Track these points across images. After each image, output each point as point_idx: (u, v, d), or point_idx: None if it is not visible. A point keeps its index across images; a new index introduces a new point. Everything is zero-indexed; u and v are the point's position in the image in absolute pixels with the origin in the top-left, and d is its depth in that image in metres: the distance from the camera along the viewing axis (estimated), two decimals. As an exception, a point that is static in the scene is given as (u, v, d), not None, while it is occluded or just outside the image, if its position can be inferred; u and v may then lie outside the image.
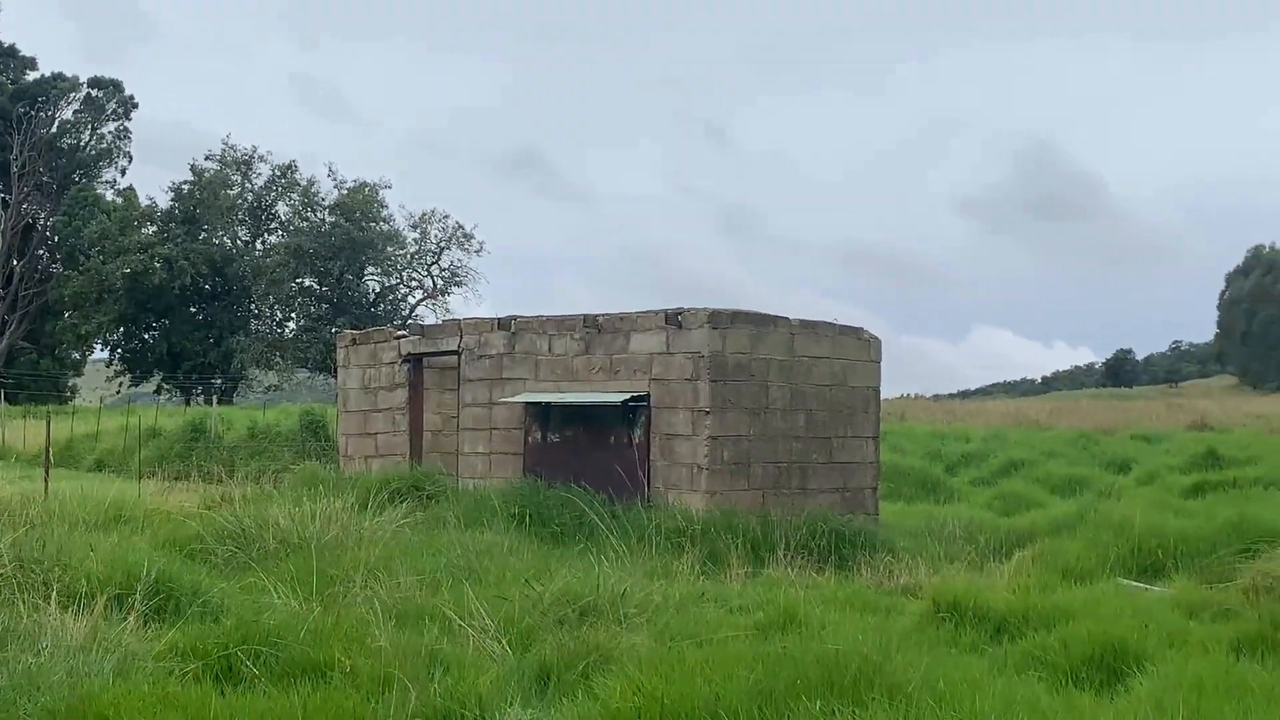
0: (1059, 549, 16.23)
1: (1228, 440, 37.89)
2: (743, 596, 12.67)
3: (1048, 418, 57.78)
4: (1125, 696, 8.43)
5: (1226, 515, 17.67)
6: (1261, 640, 10.27)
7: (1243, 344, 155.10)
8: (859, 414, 20.20)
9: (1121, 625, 10.41)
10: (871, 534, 17.67)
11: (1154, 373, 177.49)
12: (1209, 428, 50.35)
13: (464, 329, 21.96)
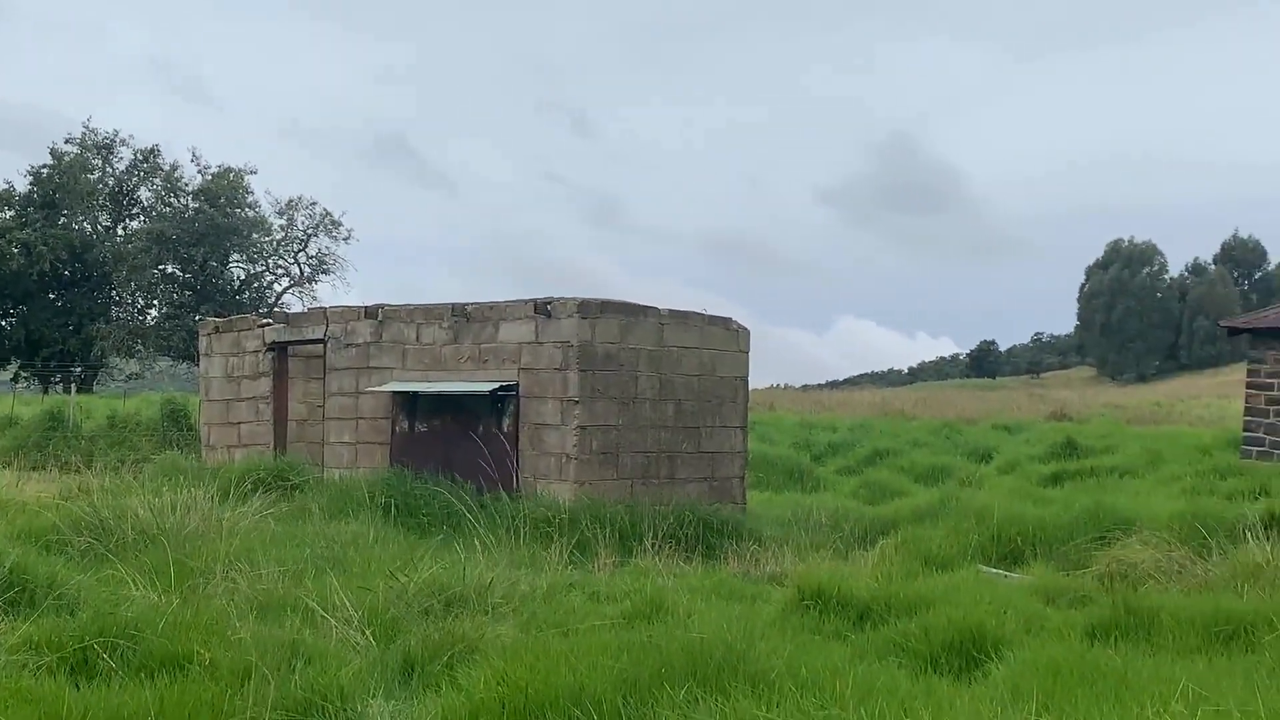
0: (922, 537, 16.47)
1: (1086, 430, 38.79)
2: (610, 586, 12.67)
3: (913, 408, 58.66)
4: (983, 682, 8.56)
5: (1083, 504, 18.08)
6: (1115, 626, 10.49)
7: (1102, 336, 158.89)
8: (727, 404, 20.32)
9: (980, 612, 10.56)
10: (739, 523, 17.78)
11: (1016, 364, 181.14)
12: (1068, 418, 51.53)
13: (330, 317, 21.69)
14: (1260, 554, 13.57)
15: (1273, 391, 30.88)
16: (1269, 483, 21.75)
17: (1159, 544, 14.92)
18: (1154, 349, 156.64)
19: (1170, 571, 14.02)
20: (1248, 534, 14.66)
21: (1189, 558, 14.38)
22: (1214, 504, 18.19)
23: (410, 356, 20.31)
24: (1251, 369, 31.75)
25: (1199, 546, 14.78)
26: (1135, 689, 7.36)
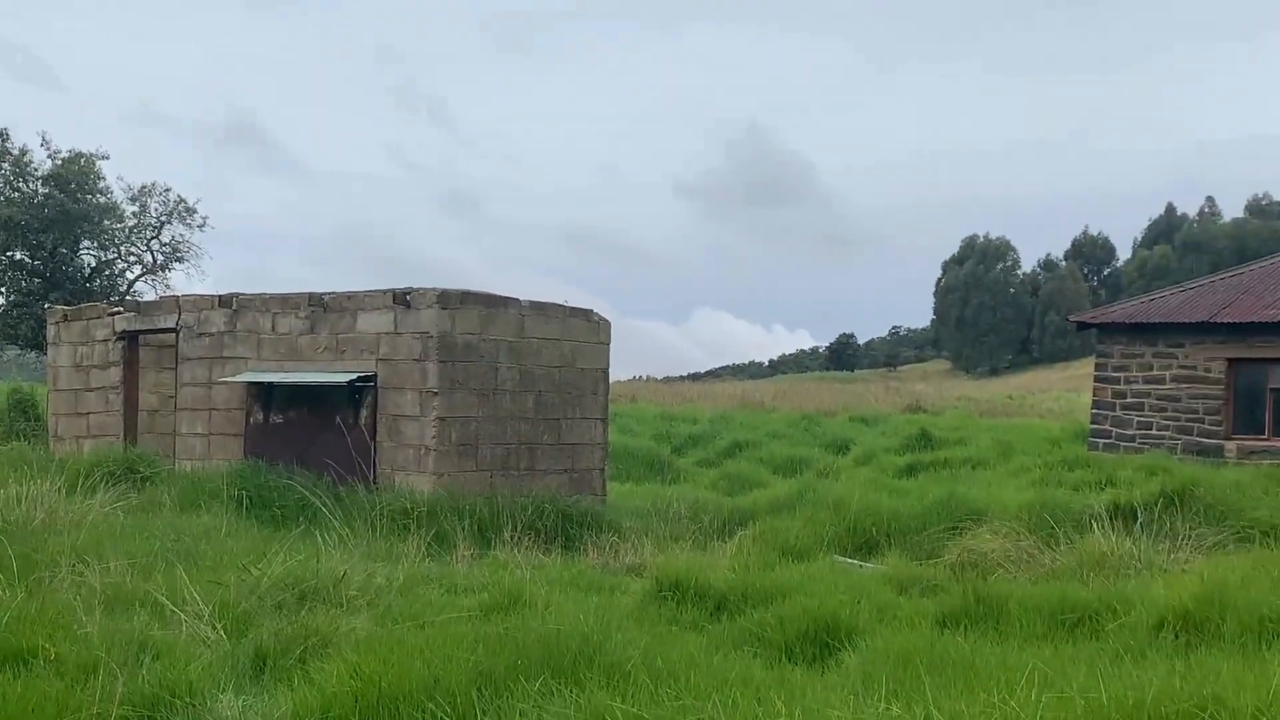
0: (779, 528, 16.62)
1: (940, 423, 39.53)
2: (468, 578, 12.58)
3: (773, 400, 59.23)
4: (836, 670, 8.67)
5: (937, 494, 18.41)
6: (965, 614, 10.68)
7: (956, 330, 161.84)
8: (588, 395, 20.33)
9: (835, 601, 10.69)
10: (598, 514, 17.79)
11: (875, 356, 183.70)
12: (923, 410, 52.44)
13: (183, 306, 21.27)
14: (1105, 543, 13.93)
15: (1119, 385, 31.73)
16: (1114, 474, 22.34)
17: (1008, 534, 15.24)
18: (1007, 343, 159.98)
19: (1019, 560, 14.32)
20: (1093, 524, 15.05)
21: (1037, 547, 14.71)
22: (1062, 494, 18.66)
23: (266, 346, 19.99)
24: (1099, 363, 32.59)
25: (1047, 536, 15.12)
26: (983, 676, 7.49)
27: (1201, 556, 13.61)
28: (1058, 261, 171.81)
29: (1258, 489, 18.39)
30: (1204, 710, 6.15)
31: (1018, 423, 44.03)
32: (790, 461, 28.63)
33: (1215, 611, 9.43)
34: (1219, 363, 30.35)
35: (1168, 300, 32.79)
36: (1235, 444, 29.76)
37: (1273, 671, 6.62)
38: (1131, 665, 7.50)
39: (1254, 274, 33.30)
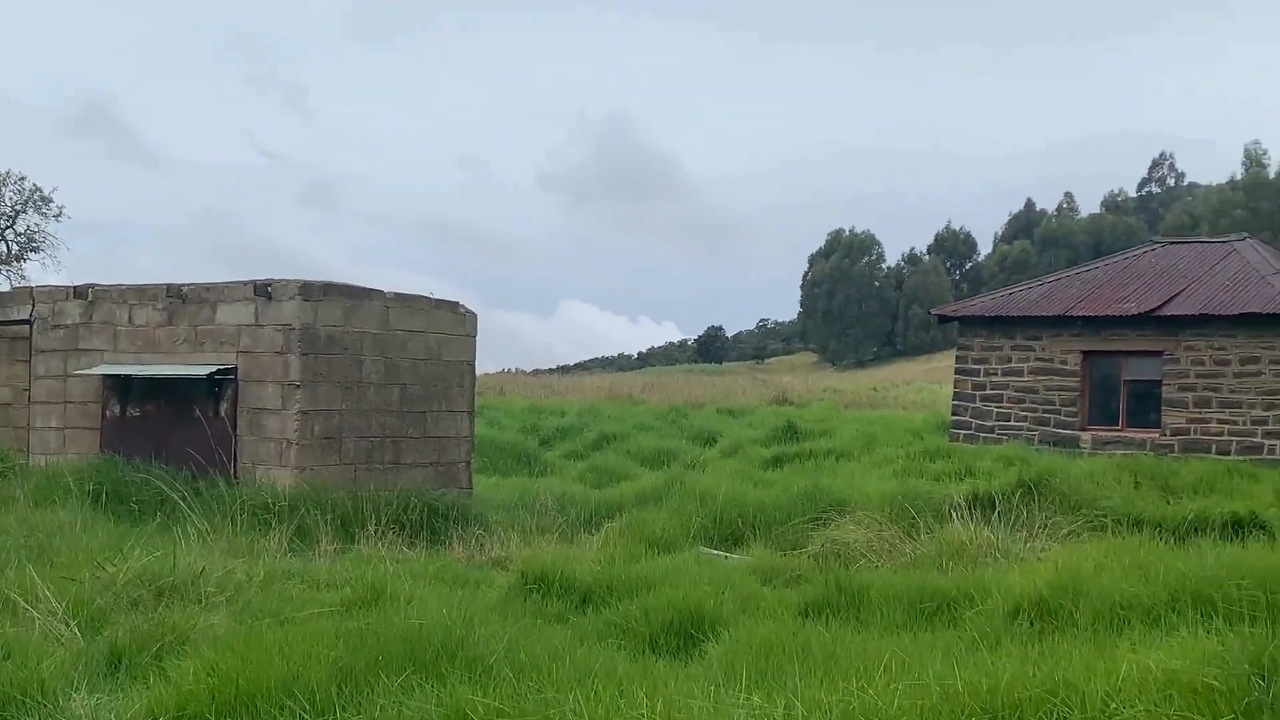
0: (646, 520, 16.67)
1: (806, 414, 39.92)
2: (331, 573, 12.42)
3: (641, 392, 59.39)
4: (700, 661, 8.72)
5: (801, 485, 18.60)
6: (827, 603, 10.81)
7: (823, 323, 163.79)
8: (454, 388, 20.20)
9: (700, 593, 10.77)
10: (464, 508, 17.69)
11: (743, 349, 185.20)
12: (790, 402, 52.96)
13: (36, 297, 20.72)
14: (964, 533, 14.19)
15: (979, 377, 32.33)
16: (974, 464, 22.77)
17: (871, 524, 15.45)
18: (872, 336, 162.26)
19: (881, 550, 14.53)
20: (953, 513, 15.31)
21: (898, 537, 14.93)
22: (923, 485, 18.96)
23: (123, 338, 19.56)
24: (960, 356, 33.19)
25: (908, 526, 15.36)
26: (843, 665, 7.59)
27: (1057, 545, 13.91)
28: (921, 255, 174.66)
29: (1110, 478, 18.87)
30: (1055, 696, 6.28)
31: (882, 414, 44.64)
32: (658, 454, 28.71)
33: (1069, 599, 9.64)
34: (1075, 355, 31.07)
35: (1026, 294, 33.48)
36: (1090, 435, 30.49)
37: (1122, 657, 6.78)
38: (987, 652, 7.64)
39: (1109, 269, 34.13)
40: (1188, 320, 29.57)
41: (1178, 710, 6.00)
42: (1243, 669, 6.22)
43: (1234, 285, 30.33)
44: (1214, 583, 9.33)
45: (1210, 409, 29.19)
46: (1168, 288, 31.03)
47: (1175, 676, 6.28)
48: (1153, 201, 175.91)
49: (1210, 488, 19.69)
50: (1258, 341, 28.77)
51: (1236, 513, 15.76)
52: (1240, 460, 26.17)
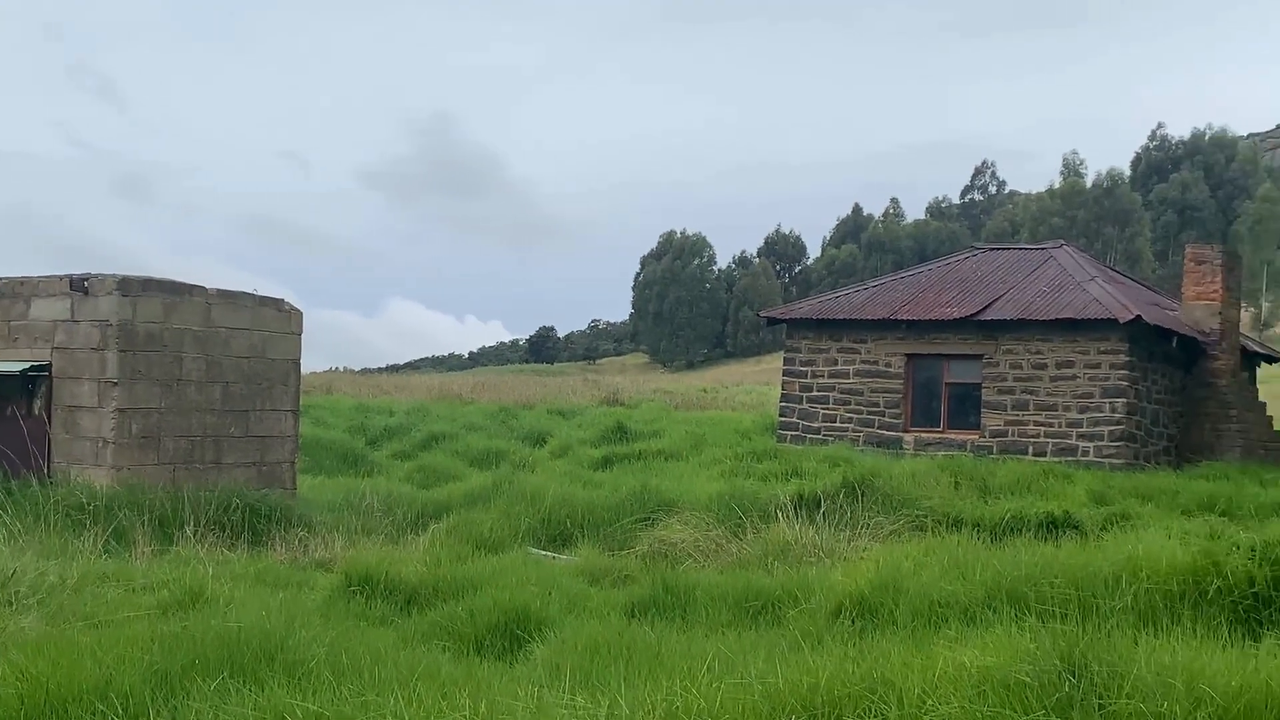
0: (474, 520, 16.56)
1: (636, 415, 40.04)
2: (148, 575, 12.10)
3: (471, 392, 59.04)
4: (525, 662, 8.68)
5: (630, 486, 18.66)
6: (654, 603, 10.86)
7: (654, 324, 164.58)
8: (278, 387, 19.84)
9: (526, 593, 10.73)
10: (288, 508, 17.37)
11: (574, 350, 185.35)
12: (620, 403, 53.07)
13: None
14: (789, 532, 14.37)
15: (806, 379, 32.77)
16: (800, 465, 23.06)
17: (698, 524, 15.55)
18: (703, 337, 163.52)
19: (708, 550, 14.63)
20: (779, 514, 15.48)
21: (725, 537, 15.05)
22: (750, 485, 19.13)
23: (-69, 333, 18.84)
24: (788, 358, 33.61)
25: (735, 526, 15.49)
26: (668, 664, 7.61)
27: (879, 544, 14.13)
28: (752, 258, 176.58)
29: (931, 479, 19.25)
30: (874, 693, 6.37)
31: (711, 415, 44.98)
32: (487, 454, 28.53)
33: (889, 597, 9.81)
34: (899, 358, 31.65)
35: (852, 297, 34.02)
36: (913, 436, 31.09)
37: (939, 655, 6.90)
38: (809, 651, 7.72)
39: (932, 273, 34.84)
40: (1006, 325, 30.31)
41: (991, 706, 6.12)
42: (1054, 665, 6.37)
43: (1051, 291, 31.16)
44: (1028, 581, 9.57)
45: (1028, 412, 29.96)
46: (988, 293, 31.78)
47: (989, 673, 6.41)
48: (975, 208, 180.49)
49: (1027, 488, 20.20)
50: (1072, 346, 29.62)
51: (1051, 513, 16.17)
52: (1056, 461, 26.93)
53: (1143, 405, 29.88)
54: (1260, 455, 31.36)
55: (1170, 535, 11.69)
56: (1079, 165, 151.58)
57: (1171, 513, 18.06)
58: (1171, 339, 30.57)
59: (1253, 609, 8.89)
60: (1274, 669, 6.34)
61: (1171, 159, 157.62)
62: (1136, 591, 9.12)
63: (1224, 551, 9.43)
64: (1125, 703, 6.09)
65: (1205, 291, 32.41)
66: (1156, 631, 7.68)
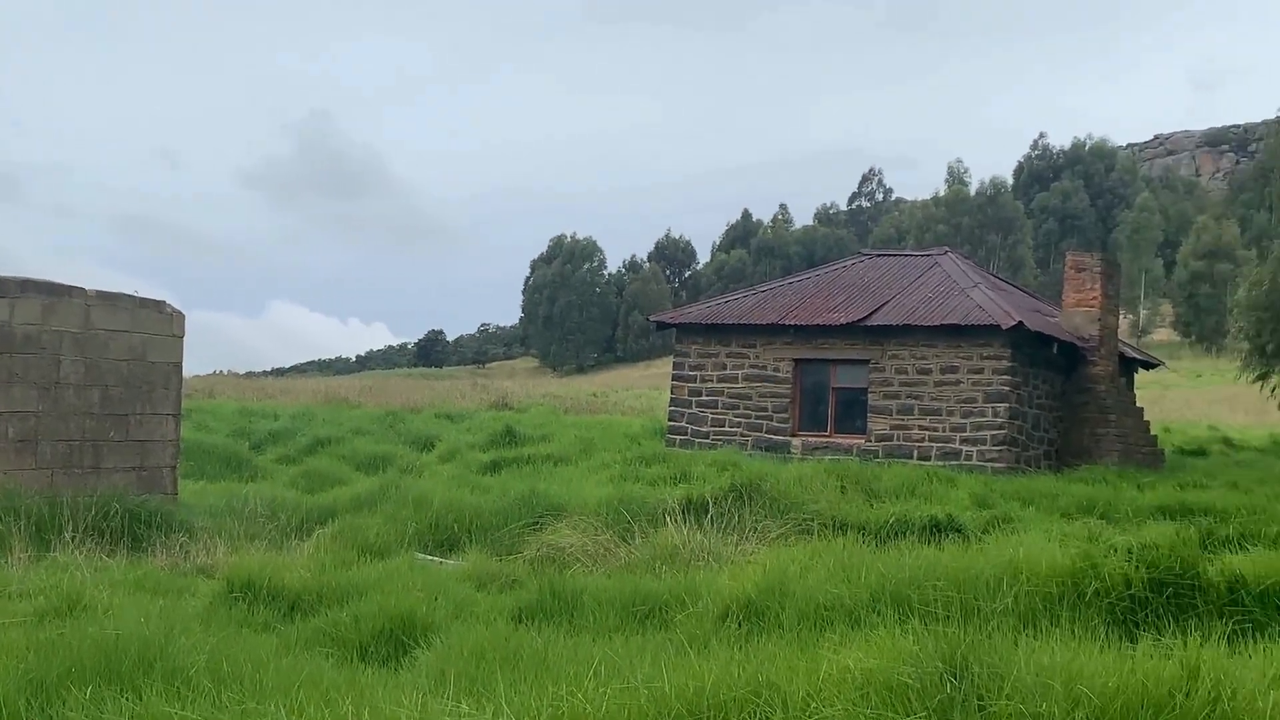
0: (360, 525, 16.40)
1: (525, 419, 40.00)
2: (24, 582, 11.84)
3: (358, 396, 58.56)
4: (410, 669, 8.61)
5: (519, 490, 18.58)
6: (541, 608, 10.82)
7: (544, 328, 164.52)
8: (159, 390, 19.48)
9: (412, 599, 10.65)
10: (169, 514, 17.08)
11: (464, 353, 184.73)
12: (509, 407, 52.99)
13: None
14: (677, 536, 14.39)
15: (695, 383, 32.91)
16: (689, 469, 23.13)
17: (587, 528, 15.53)
18: (593, 341, 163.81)
19: (596, 555, 14.61)
20: (667, 518, 15.50)
21: (614, 541, 15.04)
22: (639, 490, 19.16)
23: None
24: (677, 362, 33.74)
25: (623, 530, 15.49)
26: (554, 669, 7.58)
27: (766, 548, 14.20)
28: (642, 263, 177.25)
29: (818, 483, 19.39)
30: (759, 697, 6.39)
31: (600, 419, 45.02)
32: (374, 458, 28.26)
33: (775, 600, 9.86)
34: (786, 363, 31.91)
35: (741, 302, 34.23)
36: (800, 440, 31.34)
37: (824, 657, 6.94)
38: (695, 655, 7.73)
39: (820, 279, 35.17)
40: (892, 330, 30.68)
41: (874, 708, 6.17)
42: (936, 667, 6.44)
43: (935, 297, 31.60)
44: (912, 583, 9.67)
45: (913, 416, 30.35)
46: (874, 299, 32.14)
47: (873, 675, 6.46)
48: (862, 215, 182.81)
49: (911, 492, 20.44)
50: (956, 352, 30.06)
51: (935, 516, 16.36)
52: (940, 465, 27.30)
53: (1024, 410, 30.39)
54: (1137, 459, 32.04)
55: (1050, 538, 11.90)
56: (963, 173, 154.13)
57: (1051, 516, 18.37)
58: (1052, 345, 31.12)
59: (1129, 610, 9.06)
60: (1149, 669, 6.45)
61: (1053, 168, 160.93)
62: (1017, 593, 9.25)
63: (1102, 554, 9.60)
64: (1005, 703, 6.17)
65: (1085, 298, 33.05)
66: (1036, 633, 7.78)
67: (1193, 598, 9.14)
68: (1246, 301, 40.00)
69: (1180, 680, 6.33)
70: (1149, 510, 18.10)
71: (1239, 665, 6.86)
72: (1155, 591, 9.19)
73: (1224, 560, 9.68)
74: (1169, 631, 7.93)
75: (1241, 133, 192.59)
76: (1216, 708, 6.14)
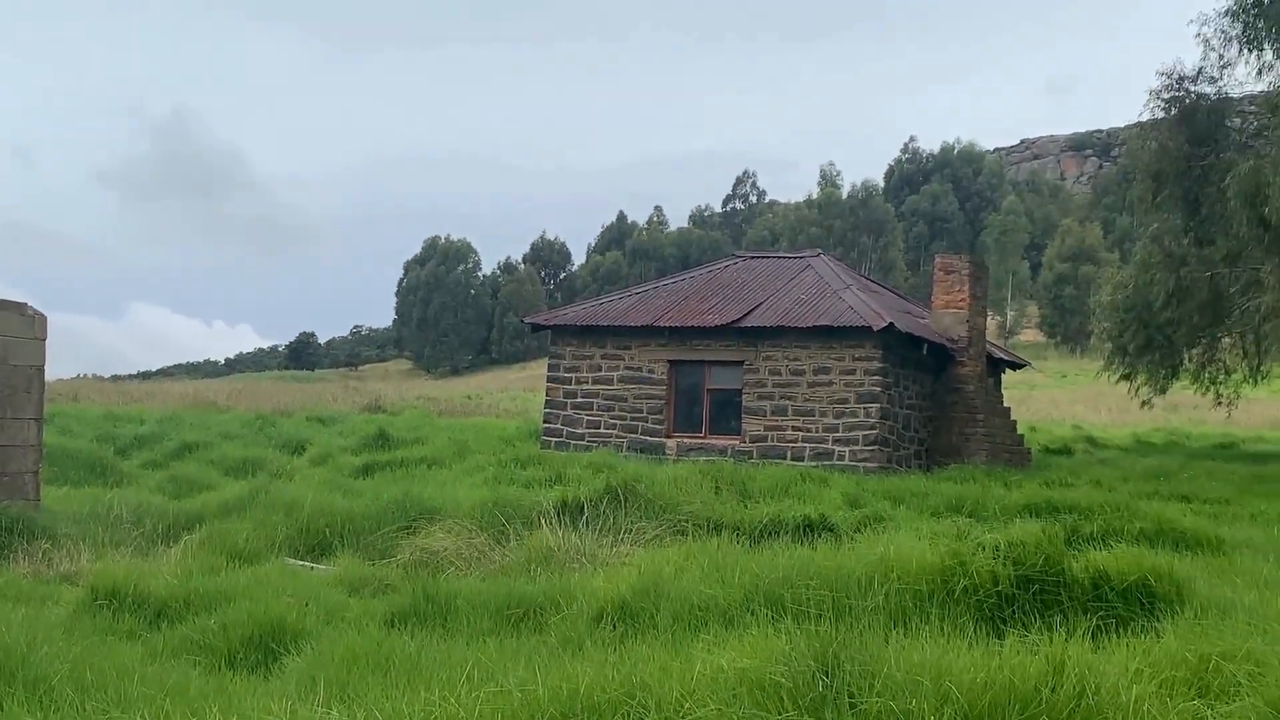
0: (229, 531, 16.12)
1: (398, 422, 39.68)
2: (-123, 593, 11.50)
3: (227, 399, 57.71)
4: (280, 676, 8.49)
5: (392, 494, 18.40)
6: (414, 612, 10.72)
7: (419, 330, 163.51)
8: (20, 394, 19.00)
9: (282, 605, 10.50)
10: (31, 520, 16.64)
11: (336, 356, 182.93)
12: (383, 410, 52.55)
13: None
14: (552, 538, 14.37)
15: (570, 385, 32.89)
16: (564, 471, 23.09)
17: (461, 532, 15.43)
18: (467, 343, 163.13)
19: (470, 558, 14.53)
20: (542, 520, 15.47)
21: (488, 544, 14.97)
22: (514, 492, 19.08)
23: None
24: (552, 364, 33.70)
25: (498, 533, 15.42)
26: (426, 674, 7.52)
27: (641, 549, 14.22)
28: (517, 264, 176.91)
29: (693, 484, 19.44)
30: (633, 698, 6.40)
31: (475, 422, 44.81)
32: (244, 463, 27.78)
33: (650, 601, 9.87)
34: (662, 364, 32.00)
35: (616, 304, 34.26)
36: (675, 441, 31.46)
37: (697, 658, 6.97)
38: (569, 657, 7.72)
39: (695, 280, 35.32)
40: (766, 332, 30.91)
41: (746, 708, 6.20)
42: (808, 666, 6.49)
43: (809, 299, 31.89)
44: (785, 583, 9.74)
45: (786, 417, 30.60)
46: (748, 300, 32.35)
47: (745, 675, 6.50)
48: (736, 217, 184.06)
49: (785, 492, 20.59)
50: (829, 353, 30.37)
51: (808, 516, 16.48)
52: (813, 466, 27.54)
53: (895, 410, 30.80)
54: (1005, 458, 32.64)
55: (920, 536, 12.05)
56: (835, 176, 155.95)
57: (922, 514, 18.62)
58: (922, 346, 31.57)
59: (997, 607, 9.20)
60: (1016, 665, 6.56)
61: (923, 172, 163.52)
62: (888, 592, 9.36)
63: (970, 552, 9.75)
64: (876, 700, 6.24)
65: (953, 300, 33.57)
66: (907, 630, 7.89)
67: (1058, 594, 9.32)
68: (1109, 303, 40.98)
69: (1046, 675, 6.45)
70: (1016, 508, 18.40)
71: (1103, 660, 7.01)
72: (1022, 588, 9.35)
73: (1088, 557, 9.86)
74: (1035, 627, 8.09)
75: (1104, 137, 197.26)
76: (1081, 702, 6.27)
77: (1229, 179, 28.28)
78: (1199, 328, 37.64)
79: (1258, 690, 6.62)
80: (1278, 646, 7.16)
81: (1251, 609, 8.93)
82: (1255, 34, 30.82)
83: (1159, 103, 36.14)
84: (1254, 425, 52.84)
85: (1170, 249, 37.21)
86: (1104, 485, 24.55)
